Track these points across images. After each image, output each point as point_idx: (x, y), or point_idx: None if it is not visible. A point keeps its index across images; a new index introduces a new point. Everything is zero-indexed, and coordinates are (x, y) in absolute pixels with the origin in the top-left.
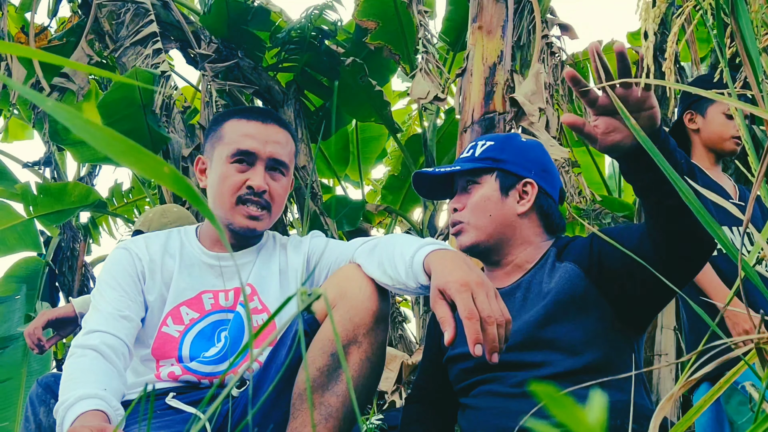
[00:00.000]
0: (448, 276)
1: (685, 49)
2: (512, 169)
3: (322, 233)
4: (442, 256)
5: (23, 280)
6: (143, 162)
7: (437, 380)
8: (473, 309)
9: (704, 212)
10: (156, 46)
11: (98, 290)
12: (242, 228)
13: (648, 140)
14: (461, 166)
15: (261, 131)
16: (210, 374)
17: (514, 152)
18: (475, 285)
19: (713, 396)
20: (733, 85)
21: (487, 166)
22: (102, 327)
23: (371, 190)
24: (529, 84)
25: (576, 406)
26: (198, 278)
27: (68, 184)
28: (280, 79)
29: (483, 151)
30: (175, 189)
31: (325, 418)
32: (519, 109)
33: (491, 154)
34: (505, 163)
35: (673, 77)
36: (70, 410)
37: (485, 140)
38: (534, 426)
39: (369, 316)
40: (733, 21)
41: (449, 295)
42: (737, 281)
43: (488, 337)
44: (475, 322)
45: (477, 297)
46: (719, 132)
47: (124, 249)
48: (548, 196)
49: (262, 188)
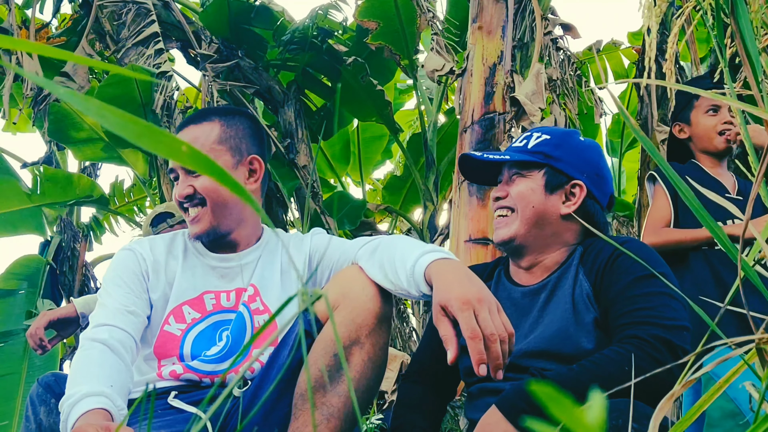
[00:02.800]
0: (450, 292)
1: (685, 50)
2: (563, 167)
3: (323, 230)
4: (443, 268)
5: (24, 278)
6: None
7: (439, 358)
8: (476, 328)
9: (704, 212)
10: (158, 47)
11: (104, 289)
12: (192, 236)
13: (660, 157)
14: (511, 156)
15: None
16: (211, 373)
17: (568, 150)
18: (477, 302)
19: (713, 396)
20: (733, 85)
21: (538, 160)
22: (110, 321)
23: (371, 190)
24: (530, 84)
25: (576, 407)
26: (200, 279)
27: (74, 174)
28: (281, 78)
29: (537, 144)
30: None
31: (327, 418)
32: (519, 109)
33: (544, 149)
34: (557, 161)
35: (673, 78)
36: (75, 407)
37: (541, 132)
38: (534, 426)
39: (371, 316)
40: (733, 21)
41: (451, 312)
42: (737, 281)
43: (492, 355)
44: (479, 342)
45: (479, 314)
46: (706, 133)
47: (128, 250)
48: (596, 202)
49: (182, 195)
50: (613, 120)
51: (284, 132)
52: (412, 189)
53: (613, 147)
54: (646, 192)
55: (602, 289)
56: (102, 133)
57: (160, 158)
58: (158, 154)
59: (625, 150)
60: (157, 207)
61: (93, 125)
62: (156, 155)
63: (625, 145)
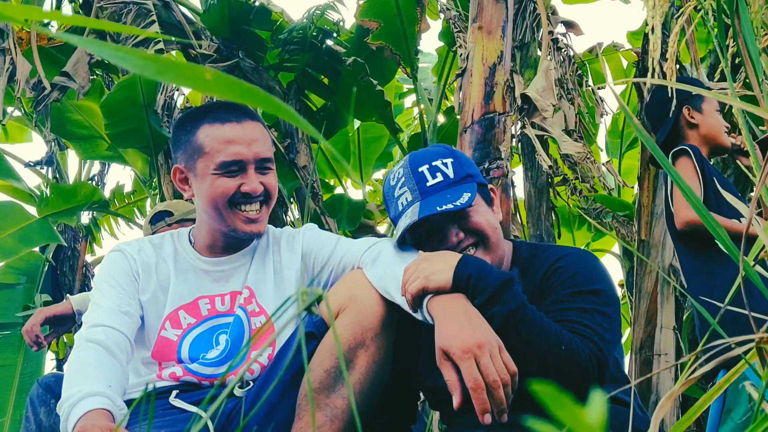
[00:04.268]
0: (449, 340)
1: (685, 50)
2: (480, 179)
3: (315, 225)
4: (444, 306)
5: (23, 272)
6: (183, 75)
7: (398, 398)
8: (478, 378)
9: (703, 209)
10: (158, 47)
11: (97, 289)
12: (245, 233)
13: (658, 150)
14: (454, 206)
15: (240, 134)
16: (211, 376)
17: (468, 163)
18: (477, 348)
19: (713, 396)
20: (734, 85)
21: (473, 183)
22: (105, 321)
23: (371, 190)
24: (540, 80)
25: (577, 407)
26: (194, 284)
27: (78, 184)
28: (281, 79)
29: (455, 170)
30: (225, 94)
31: (331, 420)
32: (531, 106)
33: (464, 171)
34: (476, 177)
35: (674, 78)
36: (76, 407)
37: (440, 158)
38: (535, 426)
39: (377, 319)
40: (736, 21)
41: (453, 359)
42: (738, 279)
43: (495, 401)
44: (481, 392)
45: (480, 361)
46: (717, 125)
47: (118, 251)
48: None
49: (258, 191)
50: (612, 120)
51: (284, 132)
52: None
53: (612, 147)
54: (646, 192)
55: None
56: (103, 133)
57: (159, 158)
58: (184, 86)
59: (625, 150)
60: (157, 205)
61: (95, 124)
62: (156, 156)
63: (625, 145)
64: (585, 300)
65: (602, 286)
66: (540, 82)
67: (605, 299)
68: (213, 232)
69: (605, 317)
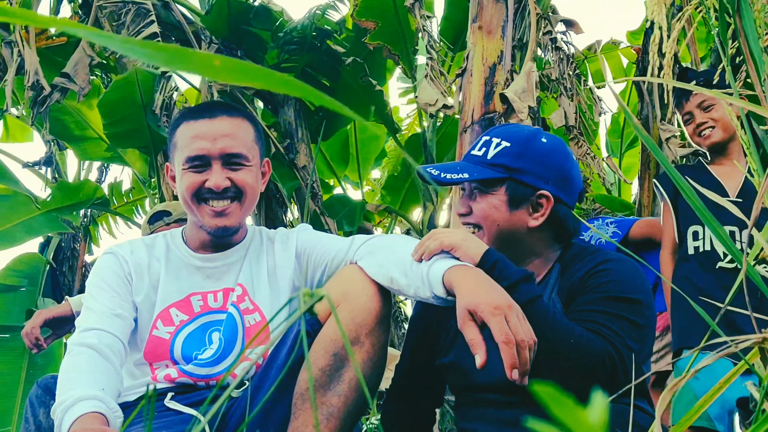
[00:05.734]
0: (479, 297)
1: (685, 50)
2: (527, 179)
3: (309, 226)
4: (466, 273)
5: (24, 275)
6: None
7: (420, 374)
8: (509, 333)
9: (706, 212)
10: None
11: (89, 293)
12: (213, 228)
13: (659, 152)
14: (469, 174)
15: (208, 129)
16: (206, 376)
17: (531, 159)
18: (507, 308)
19: (713, 395)
20: (735, 85)
21: (499, 175)
22: (97, 325)
23: (370, 190)
24: (520, 82)
25: (577, 407)
26: (186, 280)
27: (82, 181)
28: None
29: (497, 154)
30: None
31: (327, 418)
32: (509, 107)
33: (505, 161)
34: (519, 173)
35: (674, 77)
36: (69, 412)
37: (501, 138)
38: (534, 426)
39: (371, 316)
40: (738, 21)
41: (480, 317)
42: (738, 278)
43: (522, 360)
44: (512, 347)
45: (510, 320)
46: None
47: (110, 254)
48: (565, 205)
49: (221, 187)
50: (612, 119)
51: (284, 132)
52: (412, 189)
53: (613, 146)
54: (646, 191)
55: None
56: (102, 134)
57: (159, 158)
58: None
59: (625, 149)
60: (156, 205)
61: (95, 126)
62: (155, 156)
63: (625, 145)
64: (616, 306)
65: (639, 297)
66: (520, 83)
67: (638, 310)
68: (195, 228)
69: (633, 326)
